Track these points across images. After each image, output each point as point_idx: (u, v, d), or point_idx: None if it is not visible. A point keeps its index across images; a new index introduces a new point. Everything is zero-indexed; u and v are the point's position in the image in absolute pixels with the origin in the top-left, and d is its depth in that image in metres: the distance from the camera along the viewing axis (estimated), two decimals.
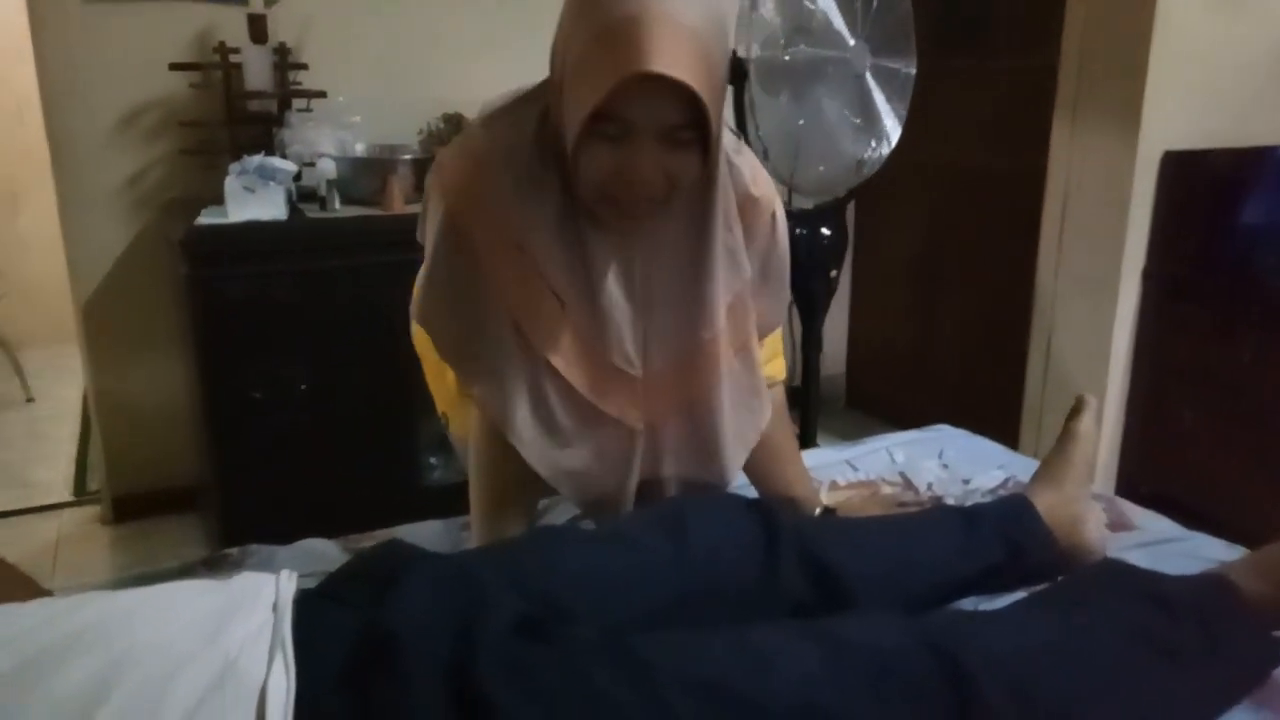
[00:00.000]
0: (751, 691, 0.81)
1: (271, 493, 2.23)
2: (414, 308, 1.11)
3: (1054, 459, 1.26)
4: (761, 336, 1.22)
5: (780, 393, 1.34)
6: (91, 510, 2.75)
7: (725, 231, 1.09)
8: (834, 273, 2.41)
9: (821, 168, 2.18)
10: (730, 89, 2.07)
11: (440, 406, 1.38)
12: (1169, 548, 1.28)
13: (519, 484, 1.14)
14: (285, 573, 0.84)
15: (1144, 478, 2.41)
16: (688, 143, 0.95)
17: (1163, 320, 2.34)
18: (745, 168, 1.13)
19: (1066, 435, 1.27)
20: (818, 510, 1.29)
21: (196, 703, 0.69)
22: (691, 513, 1.05)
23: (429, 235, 1.07)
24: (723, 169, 1.07)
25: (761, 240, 1.17)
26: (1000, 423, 2.28)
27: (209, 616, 0.76)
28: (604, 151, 0.94)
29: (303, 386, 2.23)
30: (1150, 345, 2.36)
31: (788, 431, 1.34)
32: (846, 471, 1.55)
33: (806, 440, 2.49)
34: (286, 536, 1.34)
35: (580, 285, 1.05)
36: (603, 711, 0.78)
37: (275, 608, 0.78)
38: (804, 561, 1.04)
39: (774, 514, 1.09)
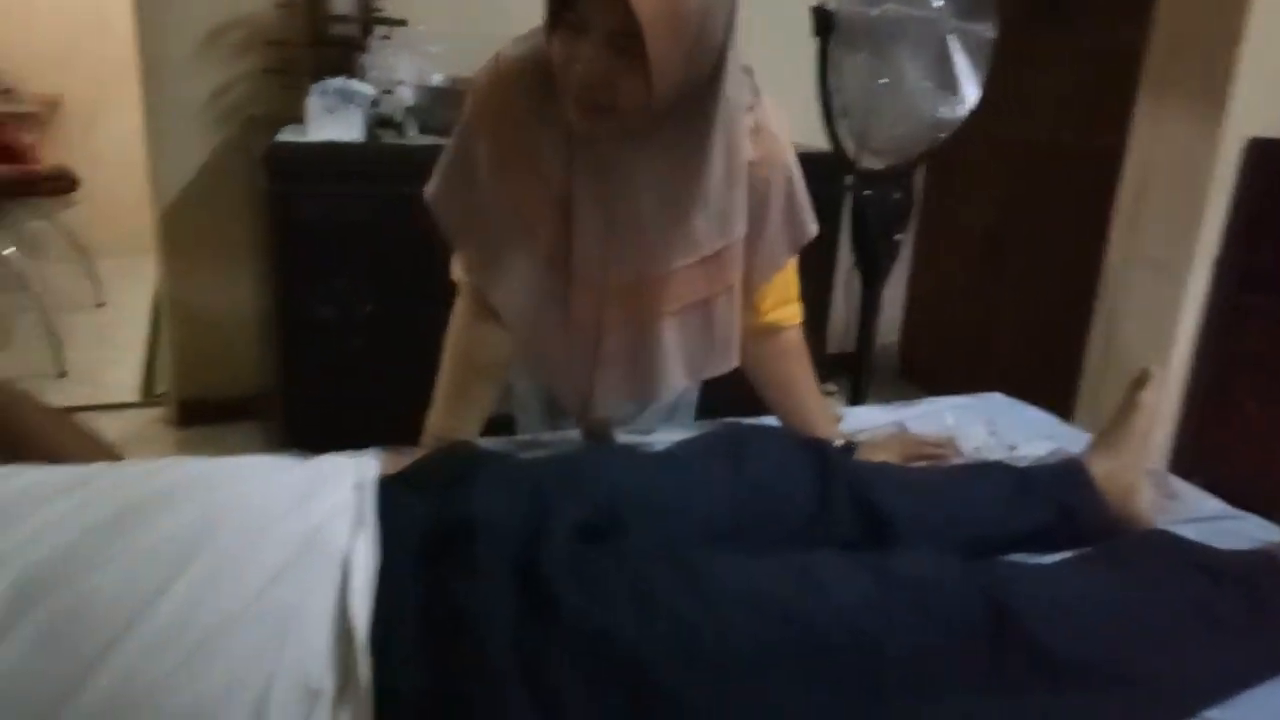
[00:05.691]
0: (802, 609, 0.84)
1: (330, 407, 2.29)
2: (427, 189, 1.22)
3: (1113, 427, 1.26)
4: (756, 284, 1.24)
5: (797, 333, 1.36)
6: (158, 412, 2.85)
7: (723, 188, 1.10)
8: (898, 237, 2.40)
9: (900, 129, 2.16)
10: (817, 41, 2.09)
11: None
12: (1219, 525, 1.28)
13: (492, 364, 1.29)
14: (367, 457, 0.87)
15: (1196, 465, 2.38)
16: (635, 55, 0.95)
17: (1232, 309, 2.30)
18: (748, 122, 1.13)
19: (1128, 405, 1.26)
20: (838, 443, 1.31)
21: (283, 563, 0.73)
22: (749, 442, 1.08)
23: (454, 133, 1.19)
24: (734, 123, 1.07)
25: (753, 194, 1.16)
26: (1055, 401, 2.26)
27: (296, 485, 0.80)
28: (565, 41, 1.00)
29: (368, 308, 2.28)
30: (1217, 333, 2.32)
31: (805, 368, 1.36)
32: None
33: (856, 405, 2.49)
34: (343, 450, 1.37)
35: (564, 196, 1.13)
36: (660, 615, 0.81)
37: (358, 487, 0.82)
38: (855, 501, 1.07)
39: (828, 452, 1.12)
